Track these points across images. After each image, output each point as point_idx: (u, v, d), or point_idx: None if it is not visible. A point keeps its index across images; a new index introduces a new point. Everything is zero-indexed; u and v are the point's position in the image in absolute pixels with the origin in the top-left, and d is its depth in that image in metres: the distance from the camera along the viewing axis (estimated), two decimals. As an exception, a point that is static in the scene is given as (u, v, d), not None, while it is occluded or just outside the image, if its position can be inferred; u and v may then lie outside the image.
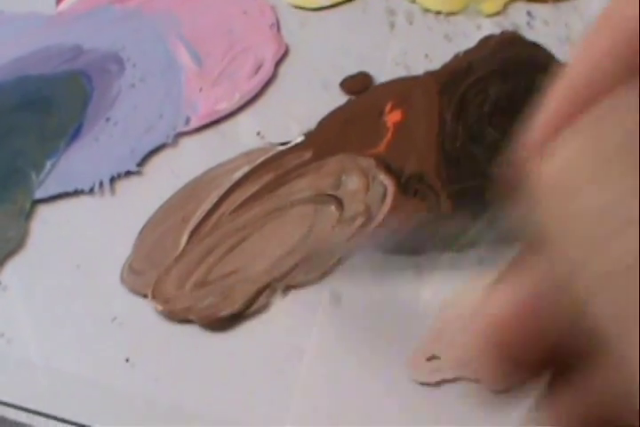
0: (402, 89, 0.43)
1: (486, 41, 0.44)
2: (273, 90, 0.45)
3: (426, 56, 0.44)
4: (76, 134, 0.45)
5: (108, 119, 0.45)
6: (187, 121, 0.44)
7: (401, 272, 0.38)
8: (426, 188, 0.39)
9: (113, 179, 0.43)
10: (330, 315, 0.38)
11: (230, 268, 0.39)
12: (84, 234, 0.42)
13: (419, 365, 0.36)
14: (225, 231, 0.40)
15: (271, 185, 0.41)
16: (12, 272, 0.41)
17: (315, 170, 0.41)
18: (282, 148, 0.42)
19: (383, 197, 0.39)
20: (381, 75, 0.44)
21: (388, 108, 0.42)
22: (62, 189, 0.43)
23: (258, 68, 0.45)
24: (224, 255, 0.39)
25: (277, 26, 0.47)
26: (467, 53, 0.44)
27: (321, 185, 0.40)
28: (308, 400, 0.36)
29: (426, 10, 0.46)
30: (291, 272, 0.38)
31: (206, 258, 0.39)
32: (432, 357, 0.36)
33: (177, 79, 0.46)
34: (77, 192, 0.43)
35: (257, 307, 0.38)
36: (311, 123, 0.43)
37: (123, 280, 0.40)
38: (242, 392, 0.36)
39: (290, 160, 0.42)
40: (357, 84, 0.44)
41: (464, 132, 0.41)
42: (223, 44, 0.47)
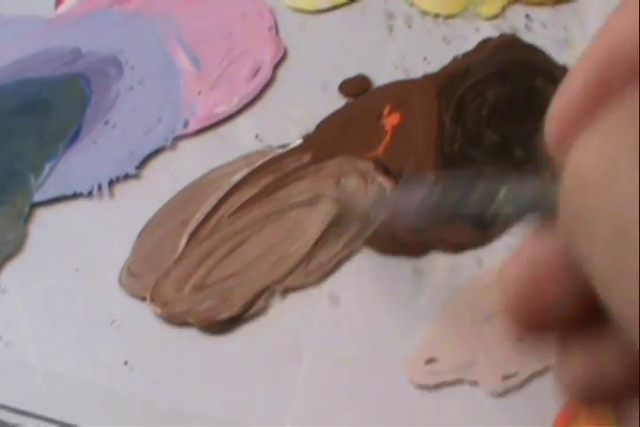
0: (400, 92, 0.43)
1: (485, 44, 0.44)
2: (271, 93, 0.45)
3: (424, 59, 0.44)
4: (75, 137, 0.45)
5: (107, 122, 0.45)
6: (185, 124, 0.44)
7: (399, 274, 0.38)
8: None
9: (112, 182, 0.43)
10: (329, 317, 0.38)
11: (229, 271, 0.39)
12: (83, 237, 0.42)
13: (417, 367, 0.36)
14: (224, 234, 0.40)
15: (270, 188, 0.41)
16: (11, 275, 0.41)
17: (313, 173, 0.41)
18: (280, 150, 0.42)
19: (382, 200, 0.39)
20: (380, 78, 0.44)
21: (387, 110, 0.42)
22: (61, 192, 0.43)
23: (256, 71, 0.45)
24: (223, 258, 0.39)
25: (276, 28, 0.47)
26: (465, 56, 0.44)
27: (320, 188, 0.40)
28: (308, 400, 0.36)
29: (424, 13, 0.46)
30: (289, 275, 0.38)
31: (205, 261, 0.39)
32: (430, 359, 0.36)
33: (175, 82, 0.46)
34: (76, 195, 0.43)
35: (256, 310, 0.38)
36: (310, 126, 0.43)
37: (121, 283, 0.40)
38: (241, 394, 0.36)
39: (288, 163, 0.42)
40: (356, 86, 0.44)
41: (462, 134, 0.41)
42: (222, 47, 0.47)
